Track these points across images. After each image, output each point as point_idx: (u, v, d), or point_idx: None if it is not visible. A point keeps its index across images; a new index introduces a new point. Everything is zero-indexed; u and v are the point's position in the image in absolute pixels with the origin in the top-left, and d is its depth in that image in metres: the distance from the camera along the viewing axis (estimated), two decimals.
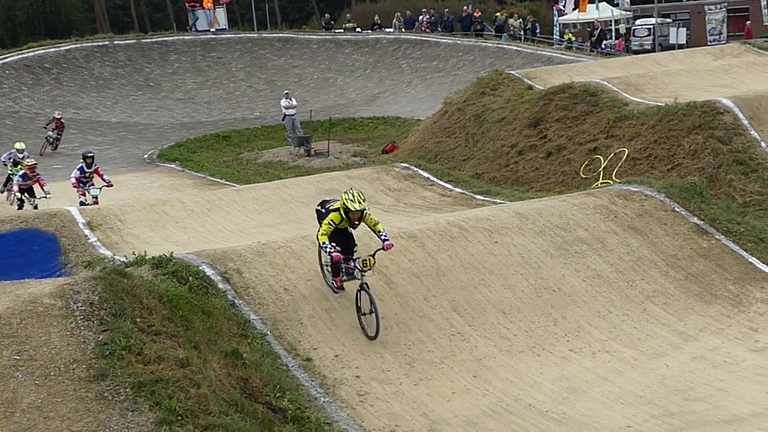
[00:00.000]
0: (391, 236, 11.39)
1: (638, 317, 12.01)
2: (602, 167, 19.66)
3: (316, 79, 40.64)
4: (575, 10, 43.75)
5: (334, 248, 10.96)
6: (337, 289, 11.39)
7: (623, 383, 10.61)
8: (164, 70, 41.33)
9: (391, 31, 44.05)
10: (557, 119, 21.56)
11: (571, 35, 41.86)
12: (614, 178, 18.77)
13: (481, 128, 23.17)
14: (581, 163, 20.22)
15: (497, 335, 11.40)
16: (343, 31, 44.19)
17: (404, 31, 43.48)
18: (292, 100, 31.43)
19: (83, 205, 19.34)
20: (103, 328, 9.01)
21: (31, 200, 20.00)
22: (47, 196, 19.63)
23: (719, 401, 10.06)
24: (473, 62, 38.07)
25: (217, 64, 41.99)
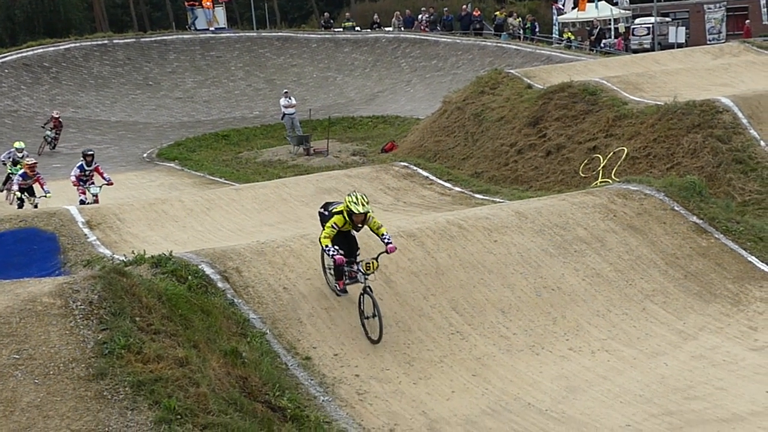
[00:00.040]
0: (390, 235, 11.32)
1: (637, 316, 12.01)
2: (601, 166, 19.66)
3: (315, 78, 40.62)
4: (574, 9, 43.76)
5: (337, 251, 10.87)
6: (340, 291, 11.33)
7: (622, 382, 10.60)
8: (163, 69, 41.31)
9: (390, 30, 44.02)
10: (556, 118, 21.55)
11: (570, 34, 41.84)
12: (613, 177, 18.76)
13: (480, 127, 23.17)
14: (580, 162, 20.22)
15: (496, 334, 11.40)
16: (342, 30, 44.16)
17: (403, 30, 43.46)
18: (291, 99, 31.42)
19: (83, 203, 19.32)
20: (102, 327, 9.01)
21: (31, 199, 19.98)
22: (47, 195, 19.62)
23: (718, 400, 10.06)
24: (472, 61, 38.06)
25: (216, 63, 41.96)
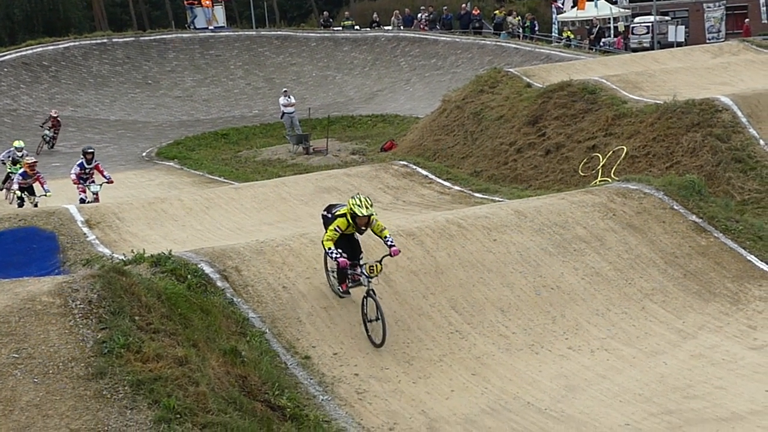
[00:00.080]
0: (389, 234, 11.26)
1: (637, 315, 12.01)
2: (601, 165, 19.65)
3: (314, 76, 40.61)
4: (574, 7, 43.74)
5: (340, 254, 10.78)
6: (342, 294, 11.26)
7: (622, 381, 10.60)
8: (163, 67, 41.29)
9: (389, 28, 43.99)
10: (556, 117, 21.55)
11: (569, 33, 41.82)
12: (613, 176, 18.76)
13: (479, 126, 23.17)
14: (580, 161, 20.21)
15: (496, 333, 11.40)
16: (341, 28, 44.12)
17: (403, 28, 43.43)
18: (290, 98, 31.43)
19: (83, 202, 19.32)
20: (101, 326, 9.00)
21: (31, 198, 19.97)
22: (47, 194, 19.61)
23: (718, 399, 10.06)
24: (472, 60, 38.05)
25: (215, 61, 41.94)
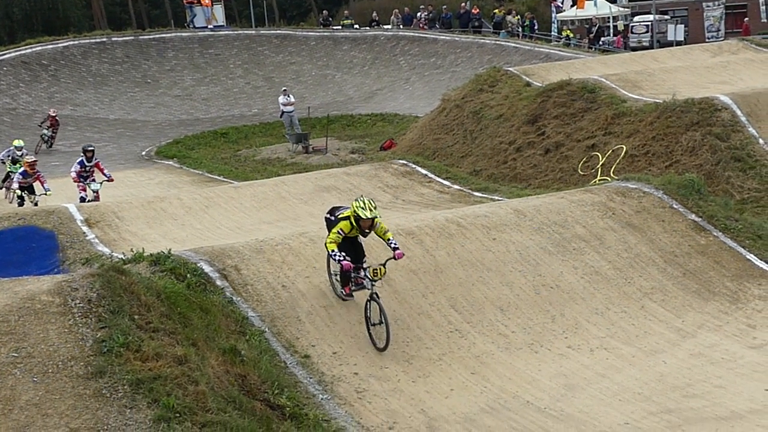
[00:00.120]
0: (393, 237, 11.14)
1: (636, 314, 12.01)
2: (600, 164, 19.66)
3: (314, 75, 40.60)
4: (573, 6, 43.72)
5: (344, 257, 10.68)
6: (346, 297, 11.21)
7: (621, 380, 10.61)
8: (162, 66, 41.27)
9: (389, 27, 43.97)
10: (555, 116, 21.55)
11: (569, 32, 41.81)
12: (612, 175, 18.76)
13: (479, 125, 23.17)
14: (579, 160, 20.22)
15: (495, 332, 11.40)
16: (341, 27, 44.10)
17: (402, 27, 43.42)
18: (290, 96, 31.42)
19: (83, 201, 19.32)
20: (101, 325, 9.00)
21: (31, 197, 19.97)
22: (47, 193, 19.61)
23: (717, 398, 10.06)
24: (471, 59, 38.04)
25: (215, 60, 41.93)
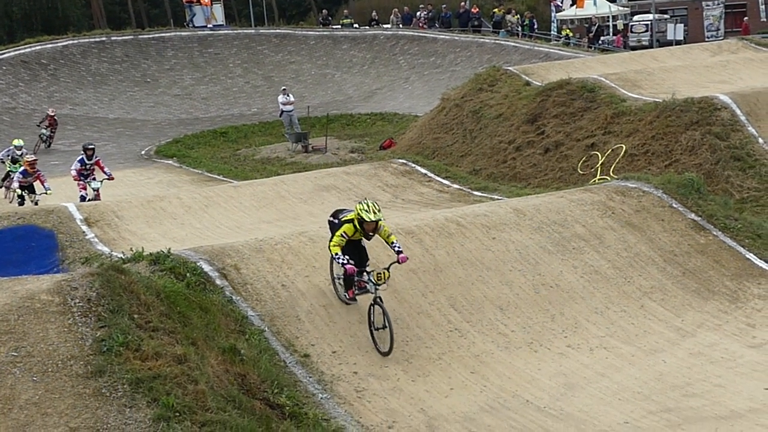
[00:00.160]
0: (397, 240, 11.07)
1: (636, 313, 12.01)
2: (600, 163, 19.66)
3: (313, 75, 40.59)
4: (573, 6, 43.73)
5: (347, 260, 10.60)
6: (349, 301, 11.15)
7: (621, 379, 10.61)
8: (161, 66, 41.28)
9: (388, 27, 43.97)
10: (555, 115, 21.56)
11: (568, 31, 41.83)
12: (612, 174, 18.76)
13: (478, 124, 23.17)
14: (579, 159, 20.22)
15: (495, 331, 11.40)
16: (340, 27, 44.11)
17: (402, 27, 43.41)
18: (289, 96, 31.41)
19: (83, 200, 19.29)
20: (100, 324, 9.00)
21: (31, 197, 19.94)
22: (48, 192, 19.60)
23: (716, 397, 10.06)
24: (471, 58, 38.05)
25: (214, 60, 41.92)
